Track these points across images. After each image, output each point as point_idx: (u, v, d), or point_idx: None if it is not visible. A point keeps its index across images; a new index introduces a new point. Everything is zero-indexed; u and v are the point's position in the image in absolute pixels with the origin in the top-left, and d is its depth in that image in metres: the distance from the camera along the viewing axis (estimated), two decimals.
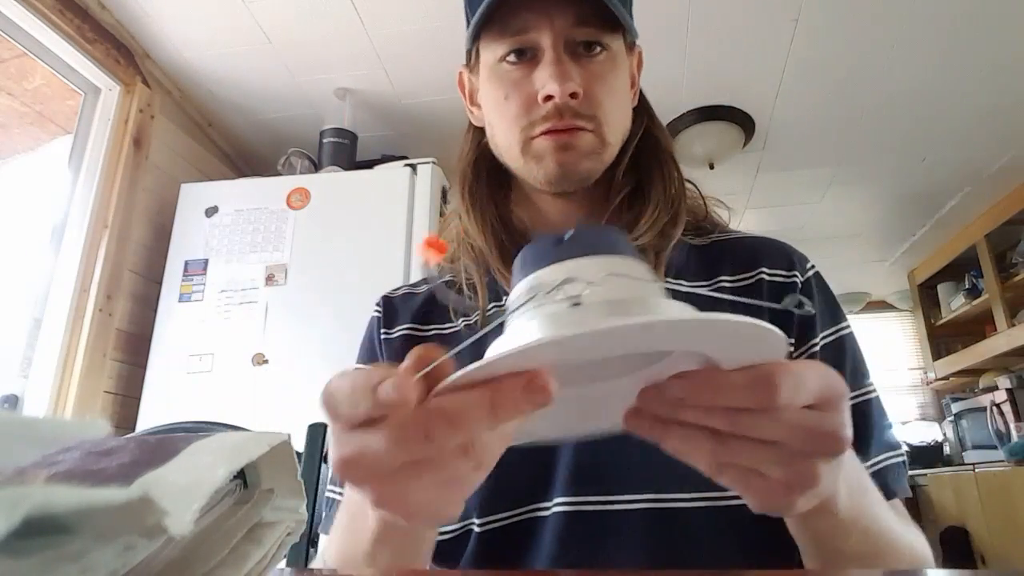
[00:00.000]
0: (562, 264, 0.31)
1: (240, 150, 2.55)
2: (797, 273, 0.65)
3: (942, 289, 3.93)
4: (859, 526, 0.42)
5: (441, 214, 2.03)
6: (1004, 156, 2.75)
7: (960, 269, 3.66)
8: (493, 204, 0.70)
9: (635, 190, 0.68)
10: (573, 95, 0.60)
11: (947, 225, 3.45)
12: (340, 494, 0.64)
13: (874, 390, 0.62)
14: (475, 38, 0.65)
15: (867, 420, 0.59)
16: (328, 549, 0.50)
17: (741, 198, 3.05)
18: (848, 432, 0.32)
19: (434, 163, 2.04)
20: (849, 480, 0.39)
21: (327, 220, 1.96)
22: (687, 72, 2.16)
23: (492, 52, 0.64)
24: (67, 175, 1.94)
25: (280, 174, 2.22)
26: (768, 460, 0.32)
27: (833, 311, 0.65)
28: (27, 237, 1.92)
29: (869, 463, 0.57)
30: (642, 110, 0.72)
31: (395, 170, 2.03)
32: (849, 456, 0.40)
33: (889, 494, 0.56)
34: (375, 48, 2.06)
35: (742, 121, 2.43)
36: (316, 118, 2.31)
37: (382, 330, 0.70)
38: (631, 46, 0.69)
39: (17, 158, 2.07)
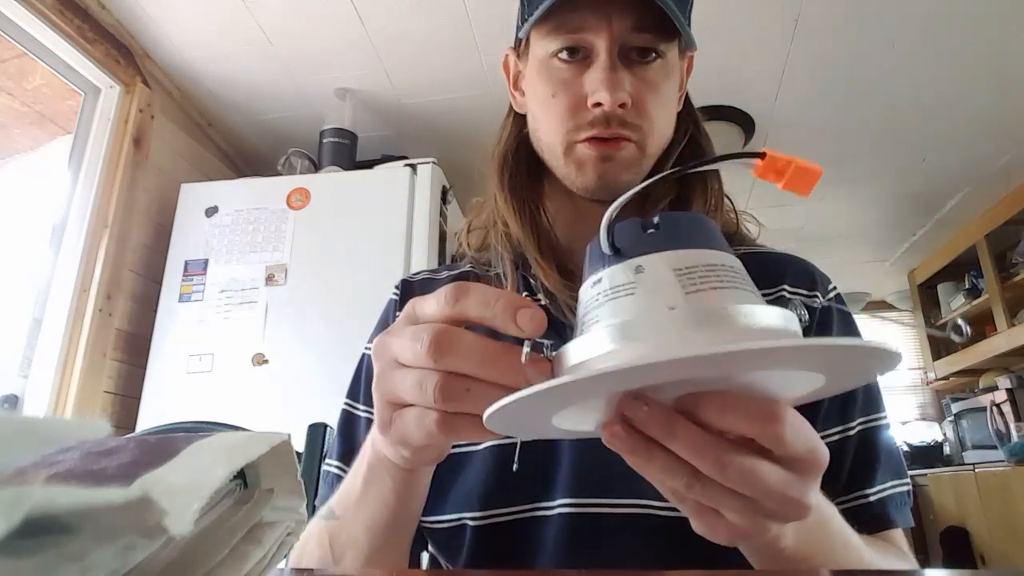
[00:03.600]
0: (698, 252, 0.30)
1: (240, 150, 2.55)
2: (819, 294, 0.65)
3: (942, 289, 3.93)
4: (812, 562, 0.41)
5: (441, 214, 2.03)
6: (1004, 156, 2.75)
7: (960, 269, 3.66)
8: (531, 194, 0.69)
9: (673, 199, 0.67)
10: (622, 104, 0.59)
11: (947, 225, 3.45)
12: (339, 468, 0.64)
13: (885, 417, 0.61)
14: (530, 27, 0.63)
15: (876, 447, 0.59)
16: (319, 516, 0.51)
17: (741, 198, 3.02)
18: (811, 501, 0.32)
19: (434, 163, 2.04)
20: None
21: (327, 220, 1.96)
22: None
23: (544, 46, 0.62)
24: (67, 175, 1.94)
25: (280, 174, 2.22)
26: (731, 508, 0.32)
27: (852, 334, 0.64)
28: (27, 237, 1.92)
29: (874, 490, 0.57)
30: (687, 116, 0.71)
31: (395, 170, 2.03)
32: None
33: (890, 523, 0.56)
34: (375, 48, 2.06)
35: (742, 121, 2.43)
36: (316, 118, 2.31)
37: (398, 314, 0.69)
38: (684, 51, 0.67)
39: (17, 158, 2.07)
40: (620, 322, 0.29)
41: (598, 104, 0.58)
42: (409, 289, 0.72)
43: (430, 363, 0.33)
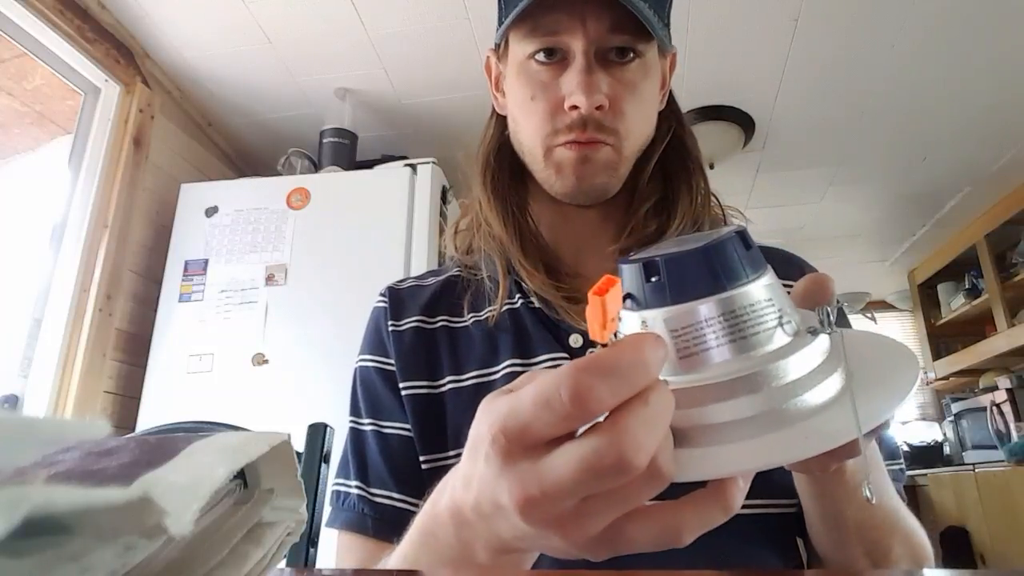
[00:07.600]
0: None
1: (240, 150, 2.55)
2: None
3: (942, 289, 3.93)
4: (861, 496, 0.43)
5: (441, 214, 2.03)
6: (1004, 156, 2.75)
7: (960, 269, 3.66)
8: (515, 196, 0.69)
9: (659, 199, 0.67)
10: (599, 107, 0.59)
11: (947, 225, 3.45)
12: (357, 487, 0.63)
13: None
14: (505, 29, 0.63)
15: None
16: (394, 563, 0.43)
17: (741, 198, 3.05)
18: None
19: (434, 163, 2.04)
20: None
21: (327, 220, 1.96)
22: (687, 72, 2.16)
23: (522, 48, 0.62)
24: (67, 175, 1.94)
25: (280, 174, 2.22)
26: None
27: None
28: (27, 237, 1.92)
29: None
30: (670, 114, 0.70)
31: (395, 170, 2.03)
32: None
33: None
34: (375, 48, 2.06)
35: (742, 121, 2.43)
36: (316, 118, 2.31)
37: (390, 322, 0.69)
38: (664, 51, 0.67)
39: (17, 158, 2.07)
40: None
41: (575, 107, 0.59)
42: (396, 296, 0.71)
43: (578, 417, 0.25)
